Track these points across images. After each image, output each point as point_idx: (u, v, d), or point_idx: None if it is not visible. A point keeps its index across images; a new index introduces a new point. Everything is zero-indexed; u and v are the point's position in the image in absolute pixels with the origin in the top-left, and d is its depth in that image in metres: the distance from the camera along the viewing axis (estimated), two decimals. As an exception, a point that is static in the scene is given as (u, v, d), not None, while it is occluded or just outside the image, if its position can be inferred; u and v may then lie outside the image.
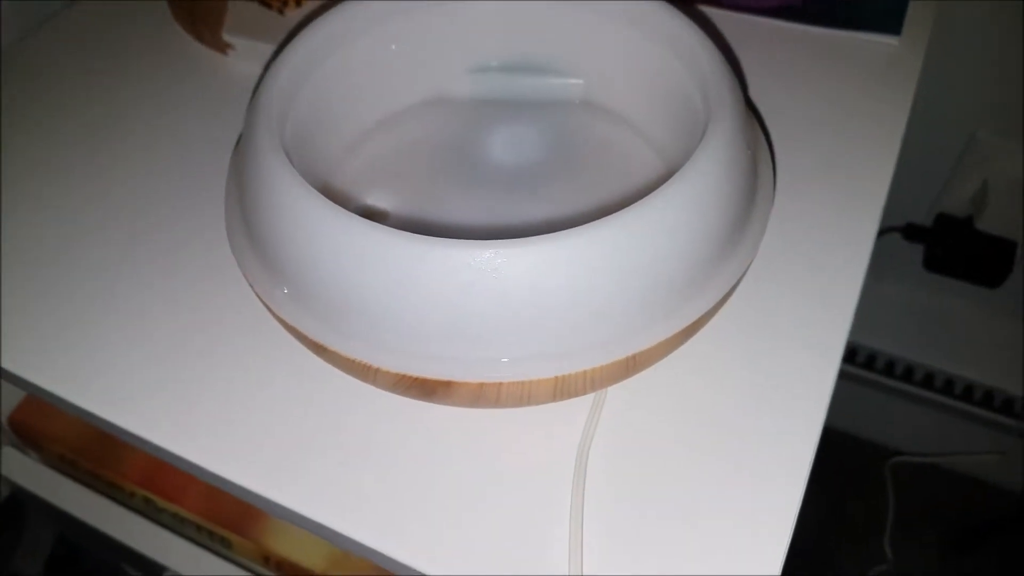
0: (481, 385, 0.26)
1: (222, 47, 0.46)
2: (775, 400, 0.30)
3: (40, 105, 0.44)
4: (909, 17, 0.45)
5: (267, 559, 0.43)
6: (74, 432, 0.48)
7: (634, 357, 0.26)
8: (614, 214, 0.25)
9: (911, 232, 0.78)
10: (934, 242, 0.77)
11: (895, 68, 0.43)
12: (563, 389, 0.26)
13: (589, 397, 0.30)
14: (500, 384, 0.26)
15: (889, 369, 0.89)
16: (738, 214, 0.28)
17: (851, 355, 0.90)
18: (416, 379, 0.26)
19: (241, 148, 0.30)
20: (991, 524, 0.91)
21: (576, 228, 0.24)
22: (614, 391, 0.31)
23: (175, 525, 0.46)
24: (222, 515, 0.44)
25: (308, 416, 0.31)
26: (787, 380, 0.31)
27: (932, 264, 0.77)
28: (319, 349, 0.27)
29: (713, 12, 0.46)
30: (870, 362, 0.89)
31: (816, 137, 0.40)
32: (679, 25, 0.31)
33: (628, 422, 0.30)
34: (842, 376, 0.91)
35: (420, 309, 0.24)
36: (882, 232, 0.81)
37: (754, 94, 0.42)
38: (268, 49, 0.43)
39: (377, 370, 0.26)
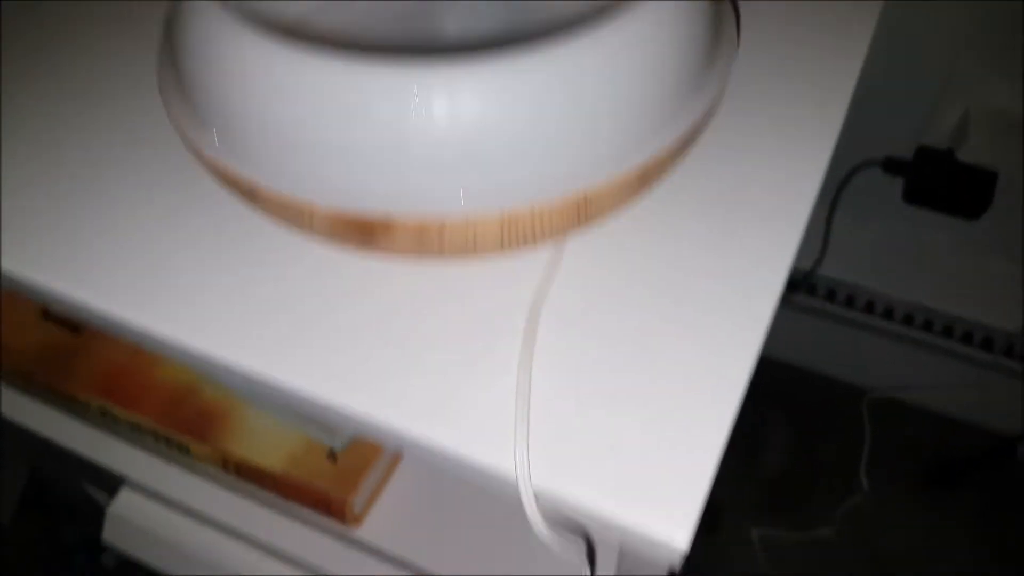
0: (422, 226, 0.24)
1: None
2: (735, 264, 0.29)
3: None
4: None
5: (226, 463, 0.42)
6: (31, 342, 0.46)
7: (585, 198, 0.25)
8: (567, 31, 0.23)
9: (890, 165, 0.77)
10: (914, 174, 0.76)
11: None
12: (511, 233, 0.25)
13: (544, 259, 0.29)
14: (443, 225, 0.24)
15: (869, 307, 0.88)
16: (697, 52, 0.26)
17: (830, 295, 0.89)
18: (353, 221, 0.24)
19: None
20: (969, 461, 0.91)
21: (525, 47, 0.23)
22: (568, 253, 0.30)
23: (133, 436, 0.45)
24: (179, 421, 0.43)
25: (245, 273, 0.29)
26: (749, 244, 0.30)
27: (912, 196, 0.76)
28: (251, 195, 0.25)
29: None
30: (850, 301, 0.89)
31: (786, 32, 0.39)
32: None
33: (582, 282, 0.29)
34: (821, 315, 0.91)
35: (352, 138, 0.23)
36: (862, 166, 0.80)
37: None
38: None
39: (312, 212, 0.24)
